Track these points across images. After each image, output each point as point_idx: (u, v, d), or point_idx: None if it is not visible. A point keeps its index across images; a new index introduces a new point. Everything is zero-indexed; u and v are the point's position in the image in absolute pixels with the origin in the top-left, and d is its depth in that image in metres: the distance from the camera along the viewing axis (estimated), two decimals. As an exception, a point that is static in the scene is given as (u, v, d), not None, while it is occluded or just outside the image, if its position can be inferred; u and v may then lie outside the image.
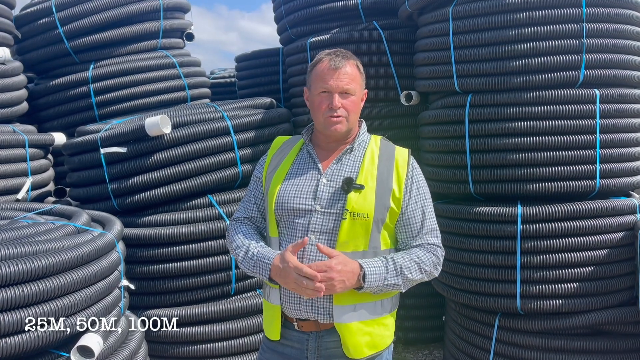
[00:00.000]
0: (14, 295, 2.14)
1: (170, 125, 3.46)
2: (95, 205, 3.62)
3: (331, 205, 1.87)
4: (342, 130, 1.93)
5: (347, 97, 1.92)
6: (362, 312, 1.88)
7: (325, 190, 1.90)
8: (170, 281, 3.49)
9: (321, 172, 1.95)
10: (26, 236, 2.49)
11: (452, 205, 3.59)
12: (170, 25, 4.82)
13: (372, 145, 2.01)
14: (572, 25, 3.17)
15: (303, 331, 1.93)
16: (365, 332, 1.89)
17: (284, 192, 1.93)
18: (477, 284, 3.41)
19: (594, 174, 3.24)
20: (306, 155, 2.02)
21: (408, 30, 4.23)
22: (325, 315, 1.88)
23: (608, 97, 3.26)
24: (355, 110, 1.95)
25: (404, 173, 1.93)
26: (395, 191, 1.90)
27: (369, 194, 1.86)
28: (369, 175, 1.90)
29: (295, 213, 1.90)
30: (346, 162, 1.96)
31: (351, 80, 1.92)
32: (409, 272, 1.86)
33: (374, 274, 1.80)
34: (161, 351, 3.51)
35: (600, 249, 3.23)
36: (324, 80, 1.91)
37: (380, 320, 1.94)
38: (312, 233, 1.87)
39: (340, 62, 1.91)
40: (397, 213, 1.91)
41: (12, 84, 4.07)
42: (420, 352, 4.48)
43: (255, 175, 2.11)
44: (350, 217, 1.84)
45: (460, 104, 3.48)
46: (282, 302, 1.92)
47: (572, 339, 3.27)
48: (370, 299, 1.88)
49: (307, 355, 1.93)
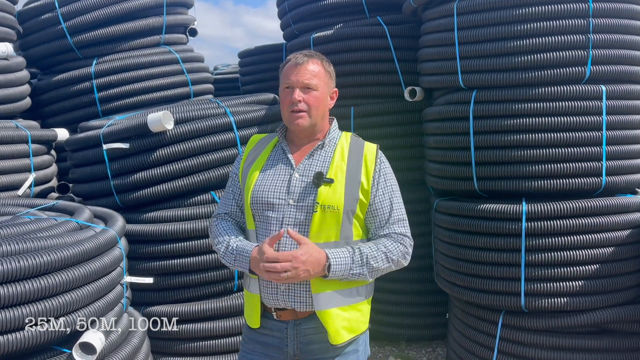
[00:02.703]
0: (16, 292, 2.13)
1: (172, 121, 3.45)
2: (98, 201, 3.62)
3: (303, 198, 1.97)
4: (304, 124, 2.01)
5: (309, 92, 2.00)
6: (339, 298, 1.98)
7: (297, 184, 2.00)
8: (173, 277, 3.48)
9: (294, 167, 2.04)
10: (28, 232, 2.49)
11: (456, 202, 3.57)
12: (173, 20, 4.81)
13: (343, 141, 2.11)
14: (579, 20, 3.14)
15: (282, 320, 2.03)
16: (343, 318, 1.99)
17: (258, 187, 2.03)
18: (481, 282, 3.39)
19: (600, 171, 3.21)
20: (280, 151, 2.11)
21: (412, 26, 4.21)
22: (303, 304, 1.97)
23: (615, 93, 3.23)
24: (317, 105, 2.01)
25: (372, 167, 2.03)
26: (363, 184, 2.00)
27: (339, 187, 1.96)
28: (339, 169, 1.99)
29: (269, 207, 2.00)
30: (317, 157, 2.05)
31: (313, 76, 2.00)
32: (375, 261, 1.95)
33: (339, 264, 1.90)
34: (164, 348, 3.51)
35: (605, 246, 3.20)
36: (287, 77, 2.02)
37: (356, 306, 2.03)
38: (286, 226, 1.96)
39: (302, 59, 2.01)
40: (366, 204, 2.01)
41: (15, 80, 4.06)
42: (424, 349, 4.46)
43: (232, 172, 2.21)
44: (321, 209, 1.94)
45: (464, 100, 3.45)
46: (260, 292, 2.02)
47: (577, 337, 3.25)
48: (345, 286, 1.98)
49: (287, 343, 2.04)
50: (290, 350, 2.04)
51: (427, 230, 4.18)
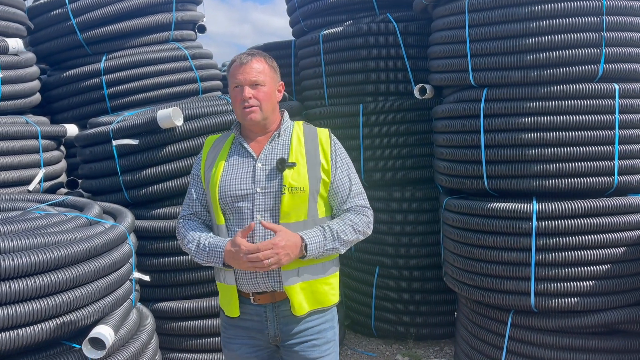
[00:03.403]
0: (26, 287, 2.15)
1: (182, 118, 3.45)
2: (107, 197, 3.63)
3: (270, 185, 2.09)
4: (257, 118, 2.12)
5: (257, 87, 2.11)
6: (305, 274, 2.10)
7: (261, 173, 2.11)
8: (182, 274, 3.49)
9: (255, 158, 2.15)
10: (38, 228, 2.50)
11: (466, 200, 3.54)
12: (182, 17, 4.81)
13: (297, 129, 2.23)
14: (592, 18, 3.10)
15: (260, 304, 2.13)
16: (309, 291, 2.12)
17: (224, 183, 2.13)
18: (491, 281, 3.36)
19: (612, 170, 3.18)
20: (238, 146, 2.21)
21: (422, 23, 4.18)
22: (278, 283, 2.09)
23: (628, 92, 3.19)
24: (267, 99, 2.13)
25: (328, 148, 2.18)
26: (323, 164, 2.15)
27: (302, 169, 2.10)
28: (299, 154, 2.13)
29: (238, 199, 2.10)
30: (276, 146, 2.17)
31: (259, 72, 2.11)
32: (345, 235, 2.10)
33: (314, 243, 2.04)
34: (172, 343, 3.52)
35: (617, 246, 3.18)
36: (234, 77, 2.13)
37: (324, 280, 2.16)
38: (258, 213, 2.08)
39: (246, 59, 2.12)
40: (328, 183, 2.16)
41: (25, 75, 4.07)
42: (431, 348, 4.45)
43: (193, 174, 2.29)
44: (289, 192, 2.06)
45: (475, 98, 3.43)
46: (237, 281, 2.12)
47: (587, 337, 3.22)
48: (312, 262, 2.11)
49: (267, 326, 2.15)
50: (271, 332, 2.15)
51: (436, 229, 4.16)
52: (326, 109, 4.57)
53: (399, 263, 4.39)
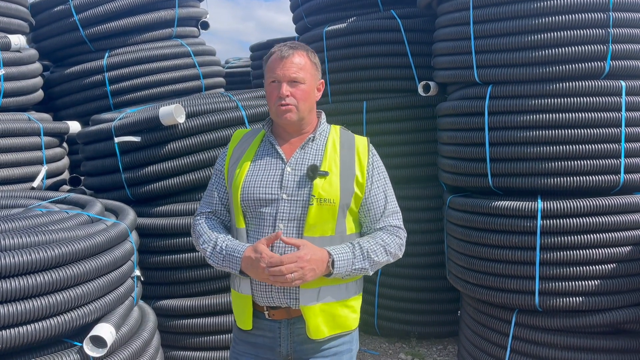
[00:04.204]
0: (27, 285, 2.14)
1: (184, 115, 3.44)
2: (109, 194, 3.62)
3: (297, 192, 1.93)
4: (292, 118, 1.96)
5: (296, 85, 1.94)
6: (326, 295, 1.94)
7: (290, 178, 1.95)
8: (183, 271, 3.48)
9: (285, 161, 1.99)
10: (40, 225, 2.49)
11: (470, 198, 3.52)
12: (185, 13, 4.80)
13: (333, 134, 2.07)
14: (598, 14, 3.07)
15: (274, 319, 1.99)
16: (328, 314, 1.95)
17: (249, 183, 1.97)
18: (495, 280, 3.35)
19: (618, 168, 3.16)
20: (268, 146, 2.06)
21: (426, 19, 4.17)
22: (295, 300, 1.93)
23: (635, 89, 3.17)
24: (305, 98, 1.97)
25: (365, 159, 2.01)
26: (358, 177, 1.97)
27: (334, 179, 1.93)
28: (333, 162, 1.96)
29: (262, 203, 1.94)
30: (309, 150, 2.01)
31: (299, 69, 1.95)
32: (375, 255, 1.94)
33: (342, 260, 1.87)
34: (173, 341, 3.51)
35: (622, 245, 3.15)
36: (272, 71, 1.95)
37: (346, 302, 2.00)
38: (281, 221, 1.92)
39: (287, 52, 1.94)
40: (360, 198, 1.98)
41: (27, 72, 4.07)
42: (434, 347, 4.44)
43: (216, 169, 2.13)
44: (317, 202, 1.89)
45: (479, 95, 3.41)
46: (253, 292, 1.96)
47: (592, 337, 3.20)
48: (335, 282, 1.94)
49: (280, 343, 2.00)
50: (283, 350, 2.01)
51: (440, 227, 4.14)
52: (329, 106, 4.56)
53: (402, 261, 4.31)
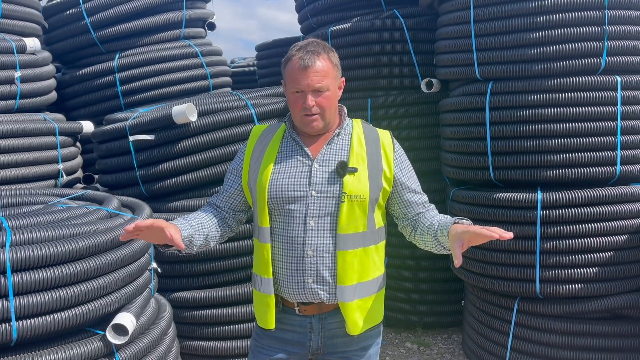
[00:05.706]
0: (54, 276, 2.23)
1: (196, 114, 3.53)
2: (124, 191, 3.72)
3: (327, 189, 1.91)
4: (318, 127, 1.94)
5: (321, 94, 1.89)
6: (361, 290, 1.95)
7: (318, 175, 1.92)
8: (198, 264, 3.58)
9: (311, 158, 1.96)
10: (62, 220, 2.58)
11: (472, 191, 3.62)
12: (192, 15, 4.89)
13: (356, 128, 2.04)
14: (594, 12, 3.17)
15: (305, 315, 1.98)
16: (364, 309, 1.96)
17: (276, 181, 1.93)
18: (497, 269, 3.45)
19: (614, 160, 3.25)
20: (291, 142, 2.01)
21: (429, 18, 4.24)
22: (331, 295, 1.93)
23: (630, 84, 3.26)
24: (330, 105, 1.93)
25: (391, 153, 2.01)
26: (385, 171, 1.97)
27: (363, 176, 1.92)
28: (360, 158, 1.95)
29: (290, 200, 1.91)
30: (335, 146, 1.98)
31: (323, 77, 1.88)
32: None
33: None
34: (188, 332, 3.62)
35: (619, 234, 3.25)
36: (295, 81, 1.89)
37: (377, 295, 2.02)
38: (311, 218, 1.90)
39: (310, 60, 1.87)
40: (388, 192, 2.00)
41: (42, 74, 4.16)
42: (439, 336, 4.54)
43: (233, 167, 2.08)
44: (348, 199, 1.89)
45: (481, 92, 3.50)
46: (282, 288, 1.95)
47: (591, 322, 3.30)
48: (368, 277, 1.97)
49: (310, 338, 2.00)
50: (313, 345, 2.01)
51: (443, 220, 4.22)
52: (335, 104, 4.63)
53: (407, 253, 4.46)
